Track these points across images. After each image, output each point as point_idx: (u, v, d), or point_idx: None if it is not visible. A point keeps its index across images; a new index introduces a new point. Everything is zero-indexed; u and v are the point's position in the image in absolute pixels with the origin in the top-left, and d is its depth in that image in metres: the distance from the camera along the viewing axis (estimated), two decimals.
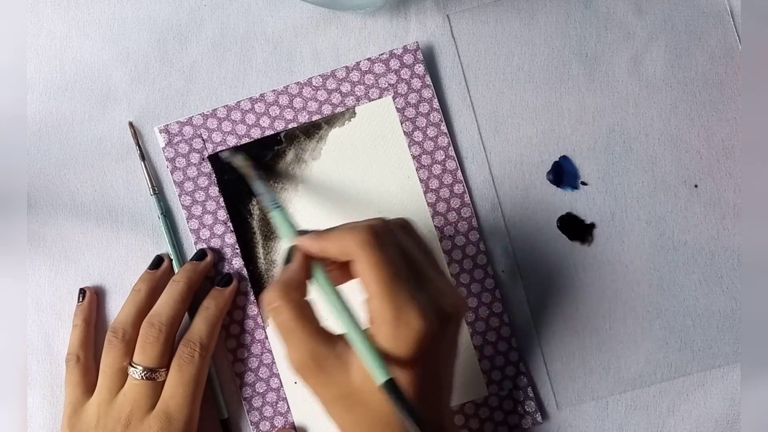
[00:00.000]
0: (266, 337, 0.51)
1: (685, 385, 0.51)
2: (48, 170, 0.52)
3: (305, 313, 0.40)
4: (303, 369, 0.40)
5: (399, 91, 0.51)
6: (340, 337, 0.40)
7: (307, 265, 0.41)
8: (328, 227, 0.42)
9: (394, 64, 0.51)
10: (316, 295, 0.41)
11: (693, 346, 0.51)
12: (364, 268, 0.40)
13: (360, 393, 0.39)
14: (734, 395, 0.51)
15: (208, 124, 0.51)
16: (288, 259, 0.42)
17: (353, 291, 0.41)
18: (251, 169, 0.49)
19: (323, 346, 0.40)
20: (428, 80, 0.51)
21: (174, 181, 0.51)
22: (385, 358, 0.39)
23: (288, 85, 0.51)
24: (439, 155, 0.51)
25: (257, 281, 0.51)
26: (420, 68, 0.51)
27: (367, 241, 0.40)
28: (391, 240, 0.41)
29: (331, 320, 0.41)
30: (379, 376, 0.38)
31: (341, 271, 0.43)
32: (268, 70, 0.52)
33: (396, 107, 0.51)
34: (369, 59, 0.51)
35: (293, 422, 0.51)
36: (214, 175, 0.51)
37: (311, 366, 0.40)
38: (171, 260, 0.51)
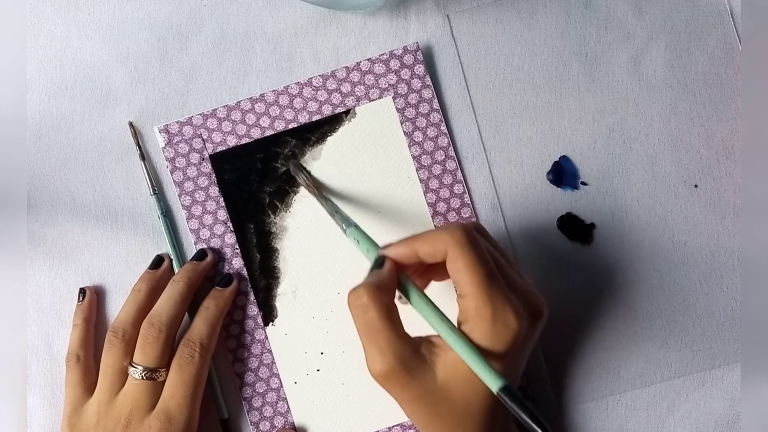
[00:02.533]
0: (266, 337, 0.51)
1: (685, 385, 0.51)
2: (48, 170, 0.52)
3: (392, 315, 0.41)
4: (389, 375, 0.40)
5: (399, 92, 0.51)
6: (422, 339, 0.41)
7: (396, 272, 0.42)
8: (413, 234, 0.43)
9: (394, 64, 0.51)
10: (402, 302, 0.42)
11: (693, 346, 0.51)
12: (462, 266, 0.40)
13: (444, 389, 0.40)
14: (734, 395, 0.51)
15: (208, 124, 0.51)
16: (374, 268, 0.42)
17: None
18: (316, 189, 0.49)
19: (409, 348, 0.41)
20: (428, 80, 0.51)
21: (174, 181, 0.51)
22: (481, 352, 0.40)
23: (288, 85, 0.51)
24: (439, 155, 0.51)
25: (257, 282, 0.51)
26: (420, 68, 0.51)
27: (464, 240, 0.41)
28: (481, 241, 0.42)
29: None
30: (493, 383, 0.38)
31: (420, 278, 0.44)
32: (268, 70, 0.52)
33: (396, 107, 0.51)
34: (369, 59, 0.51)
35: (293, 422, 0.51)
36: (214, 175, 0.51)
37: (398, 370, 0.40)
38: (171, 260, 0.51)
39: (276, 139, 0.51)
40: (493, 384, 0.38)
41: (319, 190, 0.49)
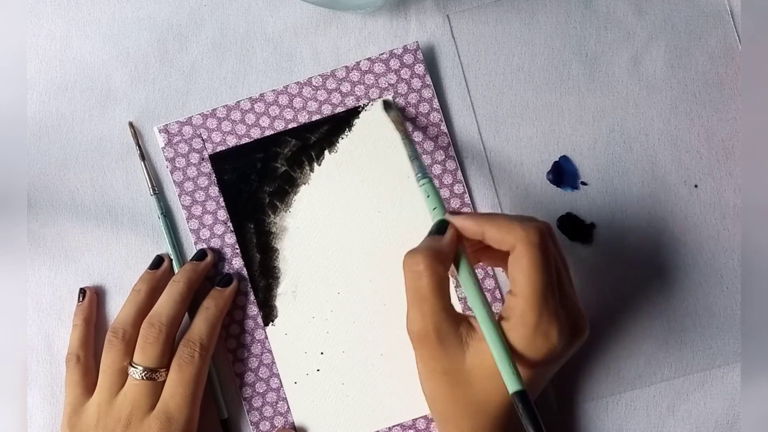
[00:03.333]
0: (266, 337, 0.51)
1: (685, 385, 0.51)
2: (48, 170, 0.52)
3: (442, 287, 0.41)
4: (423, 338, 0.41)
5: (399, 91, 0.51)
6: (465, 318, 0.42)
7: (456, 244, 0.42)
8: (486, 212, 0.42)
9: (394, 64, 0.51)
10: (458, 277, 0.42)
11: (693, 346, 0.51)
12: (524, 266, 0.40)
13: (469, 375, 0.41)
14: (734, 395, 0.51)
15: (208, 124, 0.51)
16: (434, 232, 0.42)
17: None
18: (404, 127, 0.48)
19: (448, 323, 0.41)
20: (428, 80, 0.51)
21: (174, 181, 0.51)
22: (512, 353, 0.40)
23: (288, 85, 0.51)
24: (439, 155, 0.51)
25: (257, 282, 0.51)
26: (420, 68, 0.51)
27: (536, 242, 0.40)
28: (551, 246, 0.41)
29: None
30: (512, 385, 0.38)
31: (476, 254, 0.44)
32: (268, 70, 0.52)
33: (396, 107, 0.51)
34: (369, 59, 0.51)
35: (293, 422, 0.51)
36: (214, 175, 0.51)
37: (432, 338, 0.41)
38: (171, 260, 0.51)
39: (276, 139, 0.51)
40: (512, 385, 0.38)
41: (407, 130, 0.49)
